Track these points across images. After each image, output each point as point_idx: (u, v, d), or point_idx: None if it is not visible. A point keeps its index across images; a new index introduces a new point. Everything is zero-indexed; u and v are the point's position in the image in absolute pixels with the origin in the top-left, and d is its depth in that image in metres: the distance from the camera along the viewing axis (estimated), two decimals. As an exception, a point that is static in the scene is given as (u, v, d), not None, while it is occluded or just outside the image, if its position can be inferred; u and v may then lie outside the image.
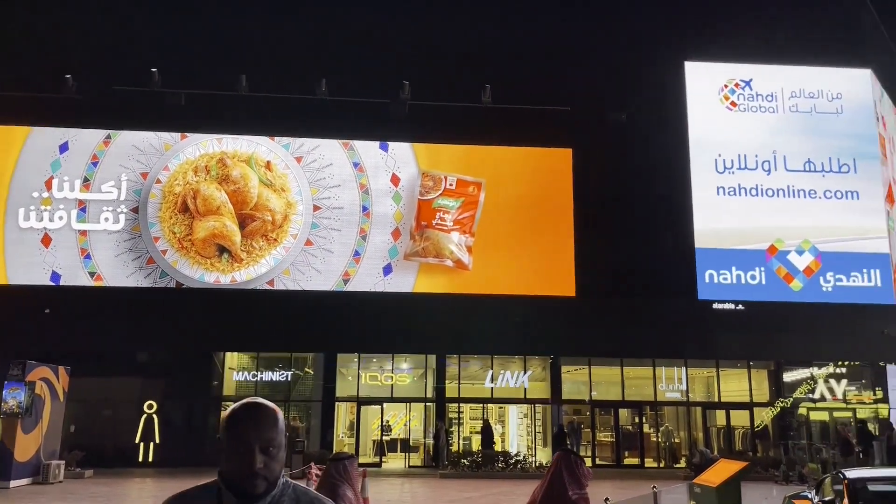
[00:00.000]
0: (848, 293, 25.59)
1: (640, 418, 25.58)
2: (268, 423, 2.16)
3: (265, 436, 2.13)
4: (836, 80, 27.55)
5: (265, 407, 2.20)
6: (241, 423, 2.15)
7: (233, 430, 2.15)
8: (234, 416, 2.18)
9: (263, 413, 2.18)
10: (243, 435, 2.12)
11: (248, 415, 2.17)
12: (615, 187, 25.69)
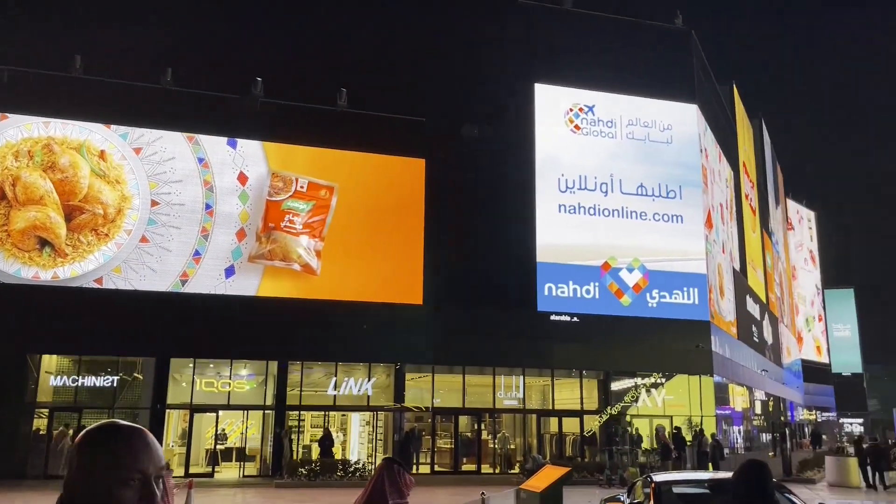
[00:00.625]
0: (670, 309, 27.78)
1: (478, 425, 26.24)
2: (157, 447, 1.81)
3: (159, 463, 1.79)
4: (668, 113, 29.89)
5: (146, 431, 1.84)
6: (133, 448, 1.74)
7: (119, 457, 1.71)
8: (117, 438, 1.75)
9: (151, 436, 1.81)
10: (137, 463, 1.72)
11: (138, 436, 1.78)
12: (466, 199, 26.32)
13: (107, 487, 1.68)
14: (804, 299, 77.84)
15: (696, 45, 31.98)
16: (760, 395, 42.90)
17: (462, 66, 27.34)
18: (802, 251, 78.85)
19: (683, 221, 29.04)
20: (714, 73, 36.73)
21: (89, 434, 1.76)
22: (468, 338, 25.06)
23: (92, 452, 1.72)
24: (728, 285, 34.36)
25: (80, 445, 1.73)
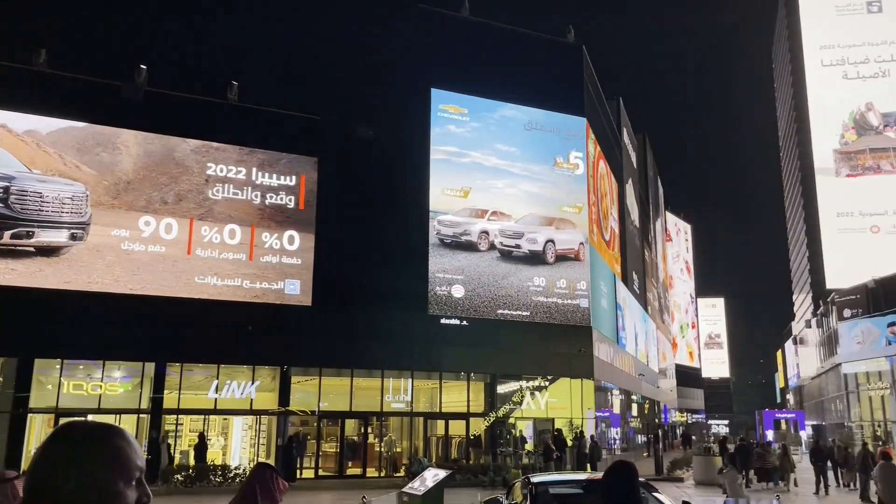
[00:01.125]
0: (555, 314, 28.64)
1: (365, 428, 26.04)
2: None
3: (142, 463, 1.61)
4: (558, 124, 30.85)
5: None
6: (131, 445, 1.56)
7: (122, 455, 1.54)
8: (115, 435, 1.56)
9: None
10: (138, 460, 1.57)
11: (127, 434, 1.59)
12: (359, 199, 26.13)
13: (113, 487, 1.51)
14: (679, 307, 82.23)
15: (586, 60, 33.20)
16: (637, 397, 45.00)
17: (360, 66, 27.16)
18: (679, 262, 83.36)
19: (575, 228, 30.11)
20: (602, 89, 38.27)
21: (81, 431, 1.55)
22: (358, 340, 24.85)
23: (92, 451, 1.51)
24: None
25: (75, 443, 1.52)
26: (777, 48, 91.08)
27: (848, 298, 45.05)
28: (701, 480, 25.49)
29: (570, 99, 31.33)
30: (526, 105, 30.09)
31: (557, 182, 30.49)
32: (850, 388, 45.47)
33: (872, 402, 42.93)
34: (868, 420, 43.17)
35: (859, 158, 74.29)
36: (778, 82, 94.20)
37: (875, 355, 40.53)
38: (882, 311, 40.41)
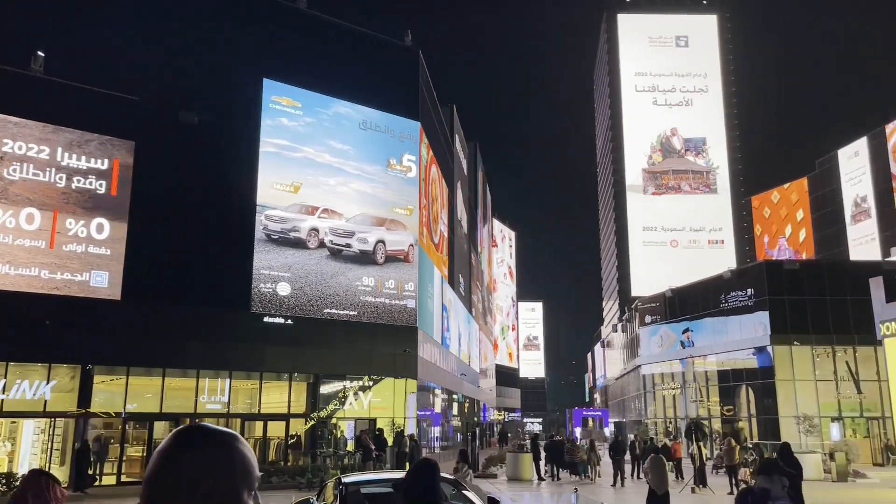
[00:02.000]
0: (382, 314, 28.79)
1: (177, 431, 24.57)
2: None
3: (259, 473, 1.51)
4: (393, 125, 31.06)
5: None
6: (252, 455, 1.47)
7: (248, 463, 1.45)
8: (241, 442, 1.46)
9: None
10: (253, 470, 1.47)
11: (244, 442, 1.49)
12: (180, 189, 24.65)
13: (238, 495, 1.42)
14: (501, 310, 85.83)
15: (422, 65, 33.73)
16: (459, 397, 46.35)
17: (188, 49, 25.66)
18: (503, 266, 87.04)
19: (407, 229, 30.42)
20: (437, 95, 39.08)
21: (212, 436, 1.46)
22: (172, 338, 23.45)
23: (222, 457, 1.44)
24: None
25: (206, 449, 1.43)
26: (598, 71, 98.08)
27: (649, 306, 49.34)
28: (513, 476, 26.71)
29: (405, 102, 31.67)
30: (361, 104, 30.00)
31: (390, 183, 30.69)
32: (648, 387, 49.83)
33: (665, 401, 47.33)
34: (661, 417, 47.52)
35: (664, 178, 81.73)
36: (597, 103, 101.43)
37: (672, 358, 44.72)
38: (677, 317, 44.70)
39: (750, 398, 38.21)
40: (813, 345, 35.61)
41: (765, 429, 35.44)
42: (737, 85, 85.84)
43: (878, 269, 32.98)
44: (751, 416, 37.97)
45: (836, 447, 28.59)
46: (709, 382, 41.92)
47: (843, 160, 67.23)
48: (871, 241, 62.68)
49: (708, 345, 41.18)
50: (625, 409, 61.96)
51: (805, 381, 35.20)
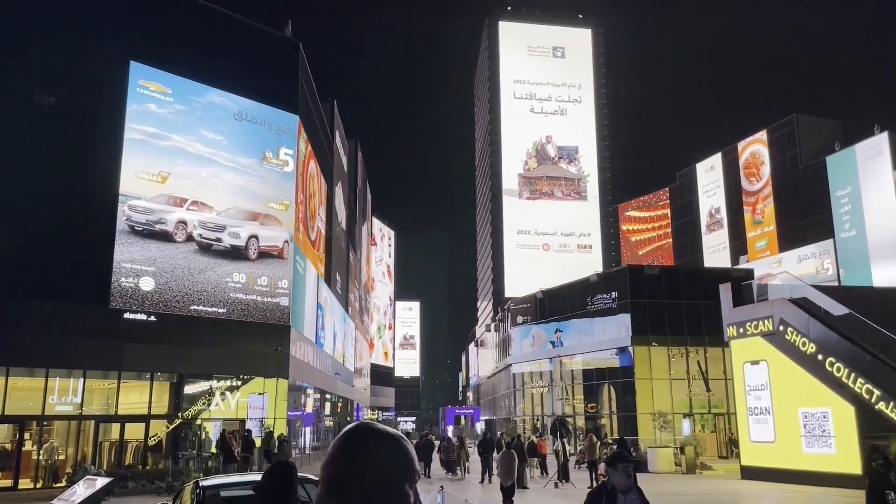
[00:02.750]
0: (253, 312, 27.96)
1: (21, 434, 22.75)
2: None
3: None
4: (270, 118, 30.24)
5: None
6: (410, 451, 1.65)
7: (411, 459, 1.63)
8: (404, 440, 1.64)
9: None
10: (415, 466, 1.64)
11: (408, 441, 1.68)
12: (33, 174, 22.85)
13: (402, 487, 1.60)
14: (378, 308, 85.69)
15: (302, 57, 33.07)
16: (332, 397, 45.80)
17: (47, 25, 23.79)
18: (381, 265, 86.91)
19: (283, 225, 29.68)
20: (318, 90, 38.44)
21: (381, 433, 1.64)
22: (17, 333, 21.66)
23: (390, 452, 1.61)
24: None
25: (377, 443, 1.61)
26: (479, 76, 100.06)
27: (521, 306, 50.84)
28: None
29: (283, 94, 30.92)
30: (237, 94, 29.00)
31: (265, 177, 29.85)
32: (518, 386, 51.35)
33: (534, 399, 48.96)
34: (530, 414, 49.11)
35: (538, 184, 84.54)
36: (478, 107, 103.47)
37: (542, 357, 46.28)
38: (547, 318, 46.34)
39: (611, 396, 40.21)
40: (669, 345, 37.95)
41: (624, 425, 37.40)
42: (608, 97, 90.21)
43: (727, 276, 35.60)
44: (612, 413, 39.96)
45: (687, 442, 30.64)
46: (574, 381, 43.74)
47: (701, 173, 72.19)
48: (723, 250, 67.71)
49: (575, 345, 42.96)
50: (495, 407, 63.52)
51: (661, 380, 37.45)
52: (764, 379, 25.21)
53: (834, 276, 54.47)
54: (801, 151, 60.24)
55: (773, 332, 24.60)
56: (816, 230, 57.37)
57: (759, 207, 64.47)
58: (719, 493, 21.90)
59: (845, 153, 55.61)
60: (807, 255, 58.18)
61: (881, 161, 52.45)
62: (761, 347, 25.25)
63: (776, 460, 23.79)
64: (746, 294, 28.08)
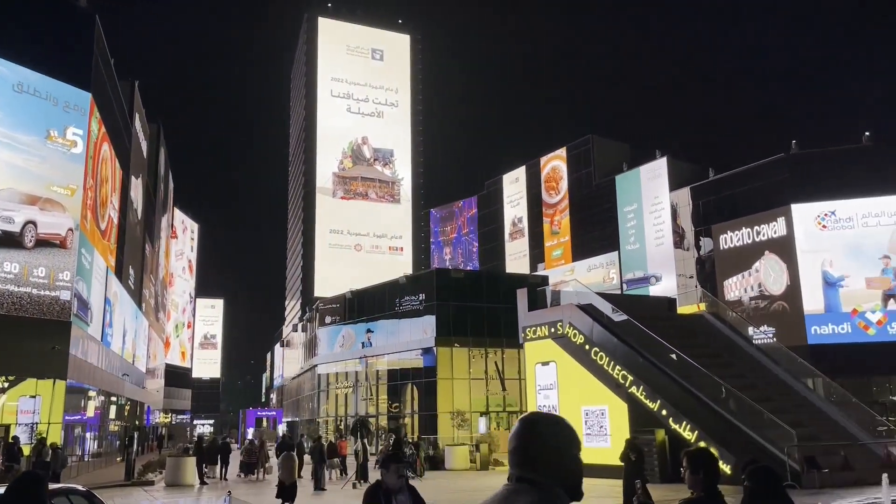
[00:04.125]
0: (27, 306, 25.14)
1: None
2: None
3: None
4: (58, 93, 27.43)
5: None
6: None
7: (577, 441, 2.23)
8: (569, 424, 2.25)
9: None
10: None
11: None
12: None
13: (580, 464, 2.20)
14: (177, 305, 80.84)
15: (99, 31, 30.38)
16: (120, 399, 42.41)
17: None
18: (182, 259, 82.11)
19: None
20: (116, 68, 35.51)
21: (562, 420, 2.23)
22: None
23: (572, 435, 2.21)
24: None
25: (567, 428, 2.21)
26: (296, 70, 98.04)
27: (330, 306, 50.43)
28: (173, 482, 25.16)
29: (74, 69, 28.13)
30: (17, 63, 25.93)
31: (49, 157, 26.97)
32: (322, 386, 50.86)
33: (338, 399, 48.75)
34: (333, 415, 48.83)
35: (352, 184, 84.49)
36: (294, 102, 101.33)
37: (351, 357, 46.12)
38: (356, 319, 46.36)
39: (414, 396, 41.07)
40: (470, 346, 39.52)
41: (425, 424, 38.35)
42: (425, 104, 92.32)
43: (525, 282, 37.81)
44: (414, 413, 40.82)
45: (482, 439, 32.06)
46: (379, 381, 44.14)
47: (507, 184, 76.11)
48: (524, 257, 71.84)
49: (383, 345, 43.35)
50: (299, 408, 62.43)
51: (461, 380, 38.89)
52: (553, 379, 27.03)
53: (618, 285, 59.81)
54: (595, 169, 65.58)
55: (563, 335, 26.47)
56: (605, 242, 62.68)
57: (556, 219, 69.20)
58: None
59: (632, 173, 61.34)
60: (596, 264, 63.36)
61: (660, 182, 58.49)
62: (552, 349, 27.05)
63: (561, 454, 25.59)
64: (541, 299, 30.01)
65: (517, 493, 2.12)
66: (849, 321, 44.36)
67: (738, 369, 24.25)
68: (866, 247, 44.77)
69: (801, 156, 48.98)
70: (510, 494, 2.13)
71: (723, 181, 53.62)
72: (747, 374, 24.16)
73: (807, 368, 27.16)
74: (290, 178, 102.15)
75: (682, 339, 24.82)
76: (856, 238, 45.11)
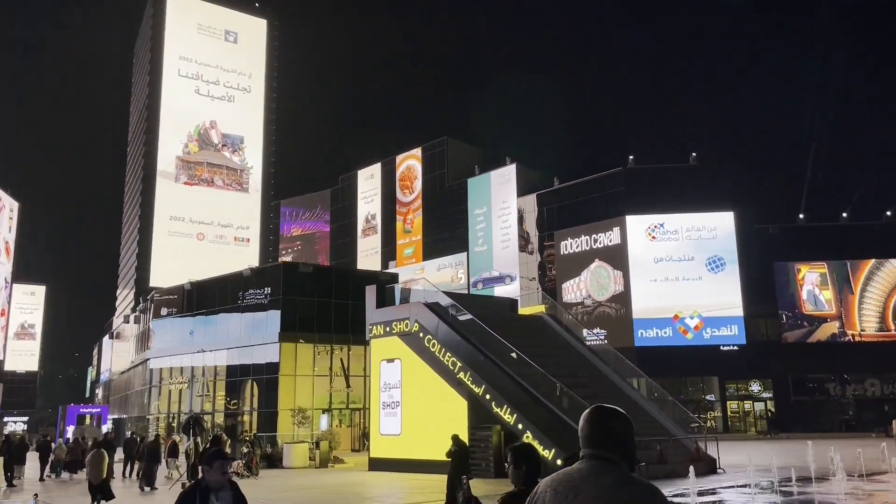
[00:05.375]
0: None
1: None
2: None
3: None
4: None
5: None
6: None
7: (632, 429, 2.80)
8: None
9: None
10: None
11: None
12: None
13: (632, 437, 2.77)
14: (-10, 292, 73.25)
15: None
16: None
17: None
18: (-2, 241, 74.44)
19: None
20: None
21: (621, 412, 2.80)
22: None
23: (629, 424, 2.77)
24: None
25: (628, 417, 2.80)
26: (141, 43, 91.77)
27: (167, 298, 47.64)
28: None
29: None
30: None
31: None
32: (155, 382, 47.97)
33: (172, 396, 46.17)
34: (166, 412, 46.18)
35: (198, 170, 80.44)
36: (136, 78, 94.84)
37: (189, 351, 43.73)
38: (194, 311, 44.08)
39: (254, 392, 39.72)
40: (316, 343, 38.78)
41: (264, 422, 37.18)
42: (279, 92, 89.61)
43: (375, 279, 37.68)
44: (253, 410, 39.47)
45: (323, 436, 31.56)
46: (217, 377, 42.27)
47: (362, 180, 75.67)
48: (376, 254, 71.75)
49: (223, 339, 41.53)
50: (128, 404, 58.56)
51: (305, 377, 38.08)
52: (397, 376, 27.10)
53: (465, 285, 61.23)
54: (449, 171, 66.76)
55: (409, 333, 26.59)
56: (455, 243, 63.98)
57: (409, 218, 69.73)
58: (344, 484, 22.85)
59: (483, 177, 63.06)
60: (445, 264, 64.52)
61: (509, 187, 60.57)
62: (398, 347, 27.10)
63: (402, 451, 25.68)
64: (390, 297, 30.01)
65: (601, 470, 2.63)
66: (671, 326, 48.19)
67: (570, 368, 25.49)
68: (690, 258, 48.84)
69: (636, 171, 52.55)
70: (595, 471, 2.63)
71: (566, 190, 56.45)
72: (579, 373, 25.47)
73: (632, 368, 29.09)
74: (128, 158, 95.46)
75: (521, 338, 25.72)
76: (680, 249, 49.07)
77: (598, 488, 2.57)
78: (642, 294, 49.06)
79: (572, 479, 2.66)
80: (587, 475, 2.61)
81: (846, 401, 48.14)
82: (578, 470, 2.66)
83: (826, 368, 47.69)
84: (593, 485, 2.58)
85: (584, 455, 2.69)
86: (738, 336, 47.46)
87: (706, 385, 49.57)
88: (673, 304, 48.43)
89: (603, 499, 2.55)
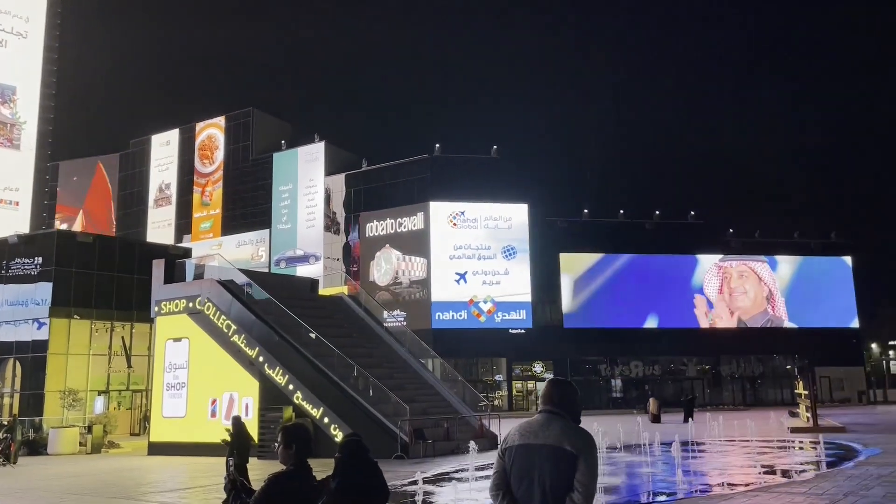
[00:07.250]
0: None
1: None
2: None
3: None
4: None
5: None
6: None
7: (578, 394, 4.12)
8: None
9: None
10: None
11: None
12: None
13: (580, 408, 4.04)
14: None
15: None
16: None
17: None
18: None
19: None
20: None
21: (570, 382, 4.09)
22: None
23: (575, 391, 4.07)
24: None
25: (572, 386, 4.04)
26: None
27: None
28: None
29: None
30: None
31: None
32: None
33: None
34: None
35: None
36: None
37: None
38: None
39: (17, 373, 35.67)
40: (94, 319, 35.60)
41: (28, 404, 33.55)
42: (63, 42, 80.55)
43: (166, 253, 35.32)
44: (15, 392, 35.44)
45: (97, 420, 29.12)
46: (-28, 356, 37.38)
47: (156, 146, 70.40)
48: (169, 227, 67.23)
49: (-21, 314, 36.74)
50: None
51: (79, 356, 34.86)
52: (185, 356, 25.66)
53: (266, 263, 59.39)
54: (254, 144, 64.16)
55: (199, 311, 25.26)
56: (257, 219, 61.76)
57: (208, 190, 66.14)
58: (118, 469, 21.20)
59: (290, 153, 61.38)
60: (246, 241, 62.10)
61: (317, 165, 59.57)
62: (187, 325, 25.66)
63: (186, 434, 24.38)
64: (182, 273, 28.26)
65: (552, 418, 3.80)
66: (466, 309, 50.27)
67: (367, 349, 25.69)
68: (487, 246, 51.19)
69: (442, 159, 54.02)
70: (548, 420, 3.80)
71: (374, 173, 56.62)
72: (375, 354, 25.74)
73: (426, 350, 29.95)
74: None
75: (319, 318, 25.47)
76: (479, 237, 51.28)
77: (549, 430, 3.74)
78: (441, 278, 50.66)
79: (532, 426, 3.82)
80: (542, 423, 3.78)
81: (615, 381, 53.37)
82: (537, 420, 3.83)
83: (598, 351, 52.45)
84: (546, 428, 3.75)
85: (541, 410, 3.90)
86: (525, 320, 50.60)
87: (496, 366, 52.40)
88: (469, 288, 50.54)
89: (552, 437, 3.69)
